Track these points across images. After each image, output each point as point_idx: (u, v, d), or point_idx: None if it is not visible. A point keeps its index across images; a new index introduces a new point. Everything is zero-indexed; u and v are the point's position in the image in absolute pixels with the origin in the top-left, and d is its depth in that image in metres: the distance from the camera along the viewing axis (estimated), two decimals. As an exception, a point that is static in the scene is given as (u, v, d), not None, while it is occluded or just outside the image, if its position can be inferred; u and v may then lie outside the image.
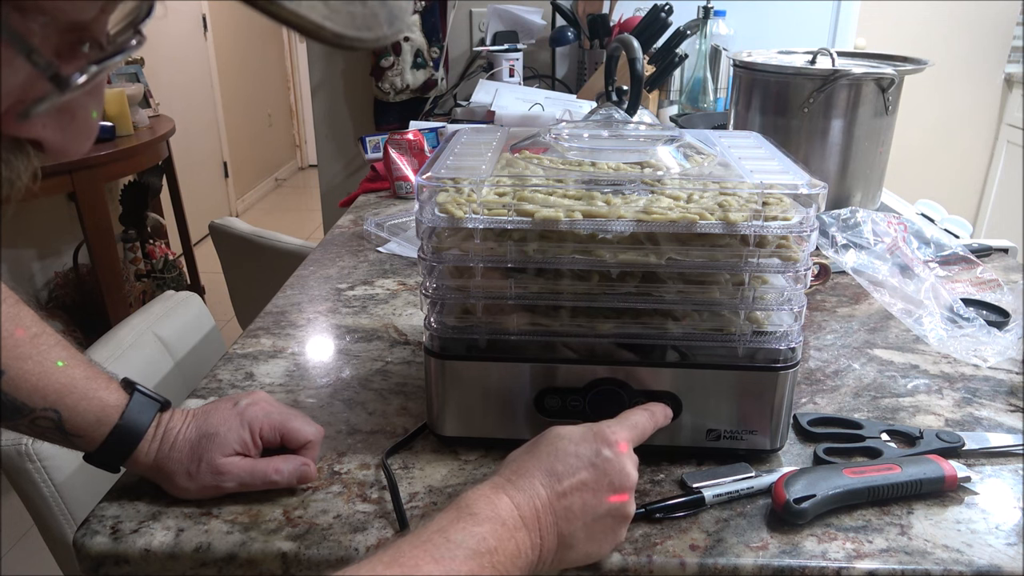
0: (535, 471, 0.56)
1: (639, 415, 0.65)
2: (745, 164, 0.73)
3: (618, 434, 0.60)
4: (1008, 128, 3.34)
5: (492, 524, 0.51)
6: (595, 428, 0.60)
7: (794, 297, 0.68)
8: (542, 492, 0.55)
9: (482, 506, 0.52)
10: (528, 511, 0.54)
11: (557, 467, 0.57)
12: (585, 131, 0.81)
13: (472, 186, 0.67)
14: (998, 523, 0.65)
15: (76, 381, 0.63)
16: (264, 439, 0.67)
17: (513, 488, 0.55)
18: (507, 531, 0.52)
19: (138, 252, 2.94)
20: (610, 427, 0.61)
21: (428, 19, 2.26)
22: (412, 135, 1.58)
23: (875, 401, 0.83)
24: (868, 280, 1.10)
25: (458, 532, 0.50)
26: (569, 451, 0.58)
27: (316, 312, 1.05)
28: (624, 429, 0.62)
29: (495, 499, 0.53)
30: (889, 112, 1.33)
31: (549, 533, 0.55)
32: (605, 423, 0.62)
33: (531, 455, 0.58)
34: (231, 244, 1.82)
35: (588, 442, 0.59)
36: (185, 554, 0.62)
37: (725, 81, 2.10)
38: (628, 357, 0.70)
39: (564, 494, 0.56)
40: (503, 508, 0.53)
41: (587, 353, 0.71)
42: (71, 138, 0.35)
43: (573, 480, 0.56)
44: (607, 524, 0.58)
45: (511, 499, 0.54)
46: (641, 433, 0.63)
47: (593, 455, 0.58)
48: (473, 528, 0.50)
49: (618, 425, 0.62)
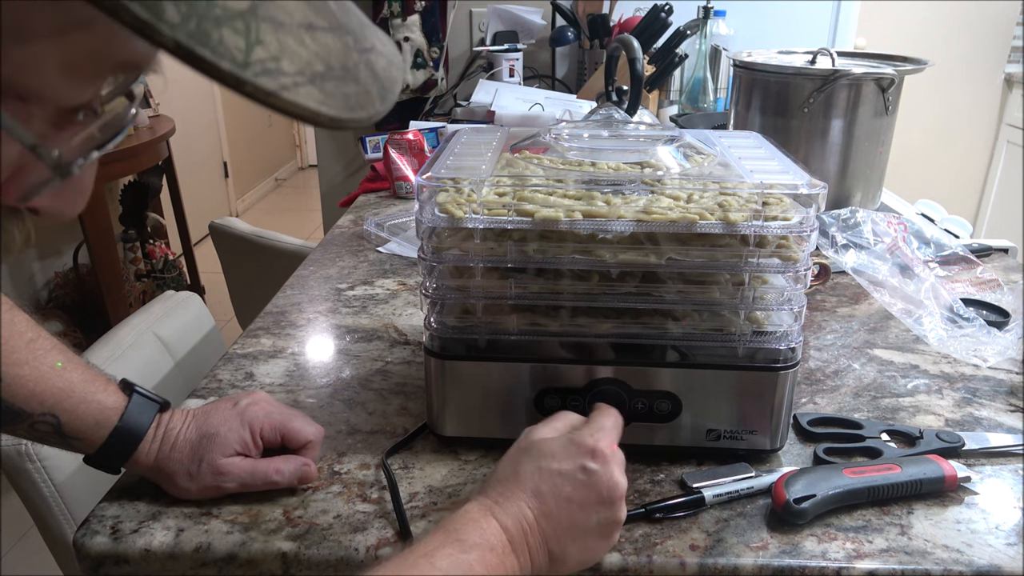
0: (520, 492, 0.55)
1: (609, 416, 0.62)
2: (745, 164, 0.73)
3: (600, 441, 0.58)
4: (1008, 128, 3.34)
5: (480, 551, 0.51)
6: (576, 439, 0.58)
7: (794, 297, 0.68)
8: (529, 515, 0.54)
9: (470, 532, 0.52)
10: (516, 534, 0.53)
11: (542, 487, 0.55)
12: (585, 131, 0.81)
13: (472, 186, 0.67)
14: (998, 523, 0.65)
15: (74, 385, 0.63)
16: (264, 439, 0.67)
17: (501, 511, 0.54)
18: (496, 557, 0.51)
19: (138, 252, 2.94)
20: (591, 435, 0.58)
21: (428, 19, 2.26)
22: (412, 135, 1.58)
23: (875, 401, 0.83)
24: (868, 280, 1.10)
25: (444, 559, 0.49)
26: (552, 469, 0.56)
27: (316, 312, 1.05)
28: (604, 433, 0.59)
29: (484, 524, 0.53)
30: (889, 112, 1.33)
31: (539, 554, 0.54)
32: (584, 431, 0.59)
33: (515, 475, 0.56)
34: (231, 244, 1.82)
35: (571, 457, 0.57)
36: (185, 554, 0.62)
37: (725, 81, 2.10)
38: (628, 357, 0.70)
39: (550, 515, 0.55)
40: (491, 533, 0.52)
41: (587, 353, 0.71)
42: (66, 202, 0.36)
43: (559, 499, 0.55)
44: (599, 535, 0.57)
45: (499, 523, 0.53)
46: (618, 433, 0.62)
47: (578, 471, 0.56)
48: (460, 556, 0.50)
49: (596, 430, 0.59)
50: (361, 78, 0.31)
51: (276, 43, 0.27)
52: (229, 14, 0.26)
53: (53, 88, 0.30)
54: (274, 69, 0.27)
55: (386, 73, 0.33)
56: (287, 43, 0.28)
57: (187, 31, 0.24)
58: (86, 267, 2.76)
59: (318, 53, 0.29)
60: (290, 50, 0.28)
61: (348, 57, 0.31)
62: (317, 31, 0.29)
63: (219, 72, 0.25)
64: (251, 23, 0.27)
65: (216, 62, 0.25)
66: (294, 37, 0.28)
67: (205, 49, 0.25)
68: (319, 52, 0.29)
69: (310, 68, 0.28)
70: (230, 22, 0.26)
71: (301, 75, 0.28)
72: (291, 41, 0.28)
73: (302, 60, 0.28)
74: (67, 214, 0.36)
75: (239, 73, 0.26)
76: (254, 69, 0.26)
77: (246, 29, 0.26)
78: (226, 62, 0.25)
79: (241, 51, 0.26)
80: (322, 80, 0.29)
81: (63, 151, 0.32)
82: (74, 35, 0.29)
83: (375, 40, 0.34)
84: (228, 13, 0.26)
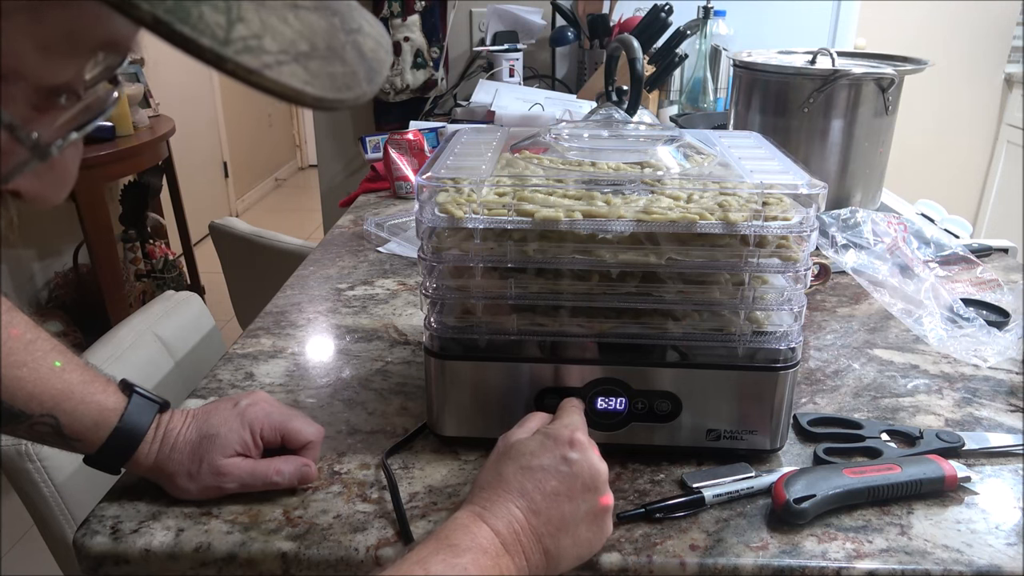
0: (506, 494, 0.56)
1: (576, 409, 0.66)
2: (745, 164, 0.73)
3: (576, 432, 0.60)
4: (1008, 128, 3.34)
5: (473, 554, 0.51)
6: (550, 433, 0.60)
7: (794, 297, 0.68)
8: (518, 514, 0.55)
9: (461, 536, 0.52)
10: (508, 536, 0.53)
11: (527, 485, 0.56)
12: (585, 131, 0.81)
13: (472, 186, 0.67)
14: (998, 523, 0.65)
15: (73, 386, 0.62)
16: (265, 439, 0.67)
17: (490, 515, 0.54)
18: (489, 559, 0.51)
19: (138, 252, 2.94)
20: (564, 427, 0.60)
21: (428, 19, 2.26)
22: (412, 135, 1.58)
23: (875, 401, 0.83)
24: (868, 280, 1.10)
25: (437, 564, 0.49)
26: (533, 465, 0.57)
27: (316, 312, 1.05)
28: (575, 423, 0.61)
29: (475, 528, 0.53)
30: (889, 112, 1.33)
31: (534, 553, 0.54)
32: (556, 424, 0.61)
33: (499, 477, 0.57)
34: (231, 244, 1.82)
35: (549, 451, 0.58)
36: (185, 554, 0.62)
37: (725, 81, 2.09)
38: (628, 357, 0.70)
39: (539, 511, 0.55)
40: (483, 537, 0.53)
41: (587, 353, 0.71)
42: (49, 186, 0.35)
43: (545, 494, 0.56)
44: (591, 523, 0.57)
45: (490, 527, 0.53)
46: (585, 424, 0.64)
47: (559, 462, 0.57)
48: (453, 560, 0.50)
49: (568, 423, 0.62)
50: (348, 58, 0.31)
51: (258, 21, 0.27)
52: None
53: (30, 66, 0.29)
54: (256, 47, 0.26)
55: (374, 54, 0.33)
56: (269, 21, 0.27)
57: (166, 7, 0.24)
58: (86, 267, 2.76)
59: (302, 32, 0.29)
60: (273, 28, 0.27)
61: (334, 37, 0.30)
62: (301, 10, 0.29)
63: (199, 49, 0.25)
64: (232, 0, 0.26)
65: (196, 39, 0.24)
66: (277, 15, 0.28)
67: (184, 26, 0.24)
68: (303, 31, 0.29)
69: (294, 47, 0.28)
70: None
71: (285, 54, 0.27)
72: (274, 19, 0.27)
73: (285, 39, 0.28)
74: (50, 199, 0.36)
75: (220, 50, 0.25)
76: (235, 47, 0.26)
77: (227, 6, 0.26)
78: (206, 39, 0.25)
79: (222, 28, 0.25)
80: (306, 59, 0.28)
81: (42, 133, 0.32)
82: (50, 11, 0.28)
83: (362, 21, 0.33)
84: None
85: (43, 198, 0.35)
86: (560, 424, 0.61)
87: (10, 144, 0.31)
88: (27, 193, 0.35)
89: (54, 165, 0.34)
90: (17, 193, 0.35)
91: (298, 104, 0.28)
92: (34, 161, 0.32)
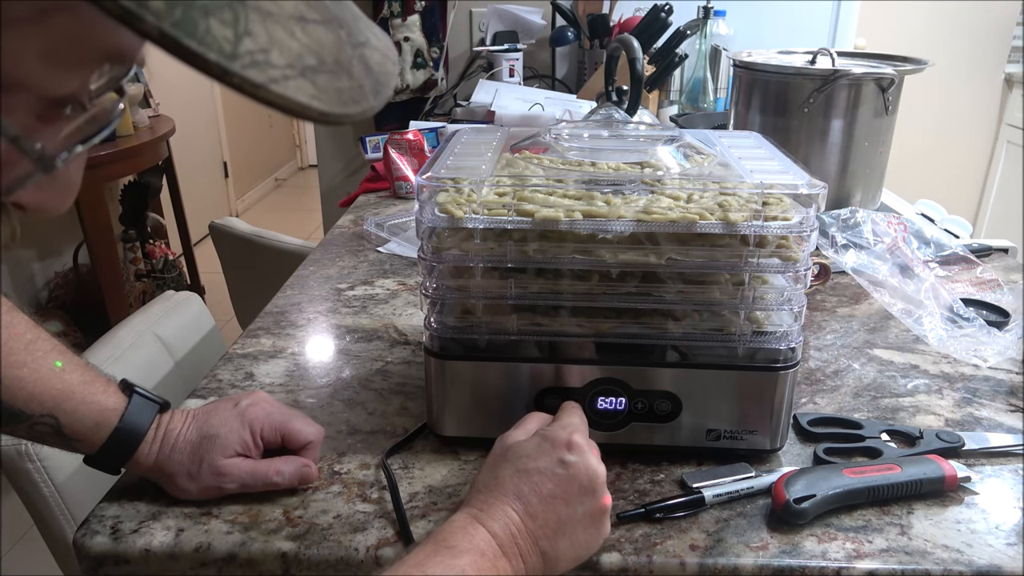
0: (503, 497, 0.56)
1: (576, 412, 0.65)
2: (745, 164, 0.73)
3: (574, 434, 0.59)
4: (1008, 128, 3.34)
5: (471, 556, 0.51)
6: (548, 435, 0.59)
7: (794, 297, 0.68)
8: (515, 517, 0.55)
9: (459, 539, 0.52)
10: (505, 539, 0.54)
11: (523, 488, 0.56)
12: (585, 131, 0.81)
13: (472, 186, 0.67)
14: (998, 523, 0.65)
15: (73, 386, 0.62)
16: (265, 440, 0.67)
17: (487, 518, 0.54)
18: (487, 561, 0.51)
19: (138, 252, 2.94)
20: (563, 428, 0.60)
21: (428, 19, 2.26)
22: (412, 135, 1.58)
23: (875, 401, 0.83)
24: (868, 280, 1.10)
25: (436, 566, 0.50)
26: (530, 468, 0.57)
27: (316, 312, 1.05)
28: (575, 427, 0.61)
29: (472, 531, 0.53)
30: (889, 112, 1.33)
31: (531, 555, 0.54)
32: (554, 426, 0.61)
33: (496, 480, 0.57)
34: (231, 244, 1.82)
35: (546, 453, 0.58)
36: (185, 554, 0.62)
37: (725, 81, 2.09)
38: (628, 357, 0.70)
39: (536, 514, 0.55)
40: (480, 539, 0.53)
41: (587, 353, 0.71)
42: (52, 197, 0.35)
43: (542, 497, 0.56)
44: (588, 525, 0.57)
45: (487, 529, 0.53)
46: (585, 426, 0.63)
47: (556, 465, 0.57)
48: (451, 561, 0.50)
49: (567, 425, 0.61)
50: (355, 72, 0.30)
51: (265, 35, 0.26)
52: (216, 3, 0.25)
53: (35, 77, 0.29)
54: (263, 61, 0.26)
55: (380, 68, 0.33)
56: (277, 35, 0.27)
57: (172, 20, 0.24)
58: (86, 267, 2.76)
59: (309, 46, 0.28)
60: (280, 42, 0.27)
61: (341, 51, 0.30)
62: (309, 23, 0.29)
63: (206, 63, 0.24)
64: (239, 13, 0.26)
65: (203, 53, 0.24)
66: (284, 29, 0.27)
67: (191, 40, 0.24)
68: (311, 45, 0.28)
69: (301, 61, 0.28)
70: (217, 12, 0.25)
71: (291, 68, 0.27)
72: (281, 33, 0.27)
73: (292, 53, 0.27)
74: (53, 210, 0.35)
75: (226, 65, 0.25)
76: (242, 61, 0.25)
77: (234, 19, 0.25)
78: (213, 53, 0.24)
79: (229, 42, 0.25)
80: (314, 73, 0.28)
81: (46, 145, 0.31)
82: (55, 21, 0.28)
83: (369, 34, 0.33)
84: (215, 2, 0.25)
85: (46, 209, 0.35)
86: (558, 426, 0.61)
87: (14, 156, 0.31)
88: (29, 204, 0.35)
89: (57, 176, 0.34)
90: (19, 204, 0.35)
91: (304, 119, 0.28)
92: (38, 173, 0.32)
